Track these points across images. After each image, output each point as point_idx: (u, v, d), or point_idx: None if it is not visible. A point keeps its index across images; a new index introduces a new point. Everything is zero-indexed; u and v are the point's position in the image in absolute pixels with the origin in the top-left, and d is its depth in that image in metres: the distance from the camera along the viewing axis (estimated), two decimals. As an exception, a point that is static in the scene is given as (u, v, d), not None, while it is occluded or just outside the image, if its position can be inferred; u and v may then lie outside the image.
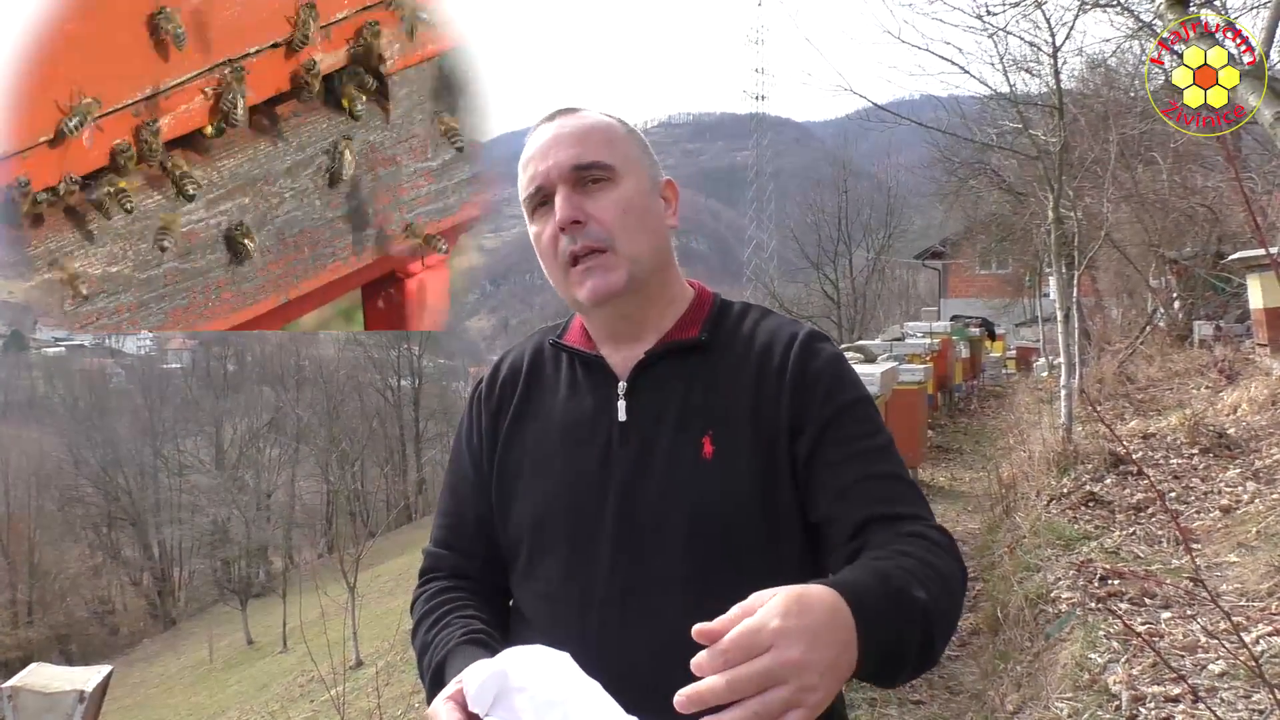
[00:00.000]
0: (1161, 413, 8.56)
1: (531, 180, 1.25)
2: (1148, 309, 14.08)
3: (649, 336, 1.28)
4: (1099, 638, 4.15)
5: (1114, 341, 13.72)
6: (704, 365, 1.26)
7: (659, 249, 1.28)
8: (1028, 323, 24.67)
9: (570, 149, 1.23)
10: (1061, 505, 6.41)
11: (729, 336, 1.28)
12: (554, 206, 1.23)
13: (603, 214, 1.22)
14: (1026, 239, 15.46)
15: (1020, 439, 9.34)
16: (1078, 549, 5.44)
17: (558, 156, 1.23)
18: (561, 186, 1.22)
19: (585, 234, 1.21)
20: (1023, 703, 4.27)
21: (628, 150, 1.28)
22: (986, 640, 5.36)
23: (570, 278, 1.24)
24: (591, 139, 1.25)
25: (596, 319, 1.29)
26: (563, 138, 1.25)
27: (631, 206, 1.24)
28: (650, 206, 1.27)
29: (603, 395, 1.27)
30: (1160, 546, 5.25)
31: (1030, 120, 8.40)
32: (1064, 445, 7.45)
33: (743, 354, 1.26)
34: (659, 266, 1.28)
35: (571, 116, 1.28)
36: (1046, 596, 4.96)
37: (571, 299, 1.27)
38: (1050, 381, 13.91)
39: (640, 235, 1.24)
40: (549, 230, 1.24)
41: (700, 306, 1.32)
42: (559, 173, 1.23)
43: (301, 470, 32.88)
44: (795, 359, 1.23)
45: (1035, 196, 9.84)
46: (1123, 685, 3.69)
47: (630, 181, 1.25)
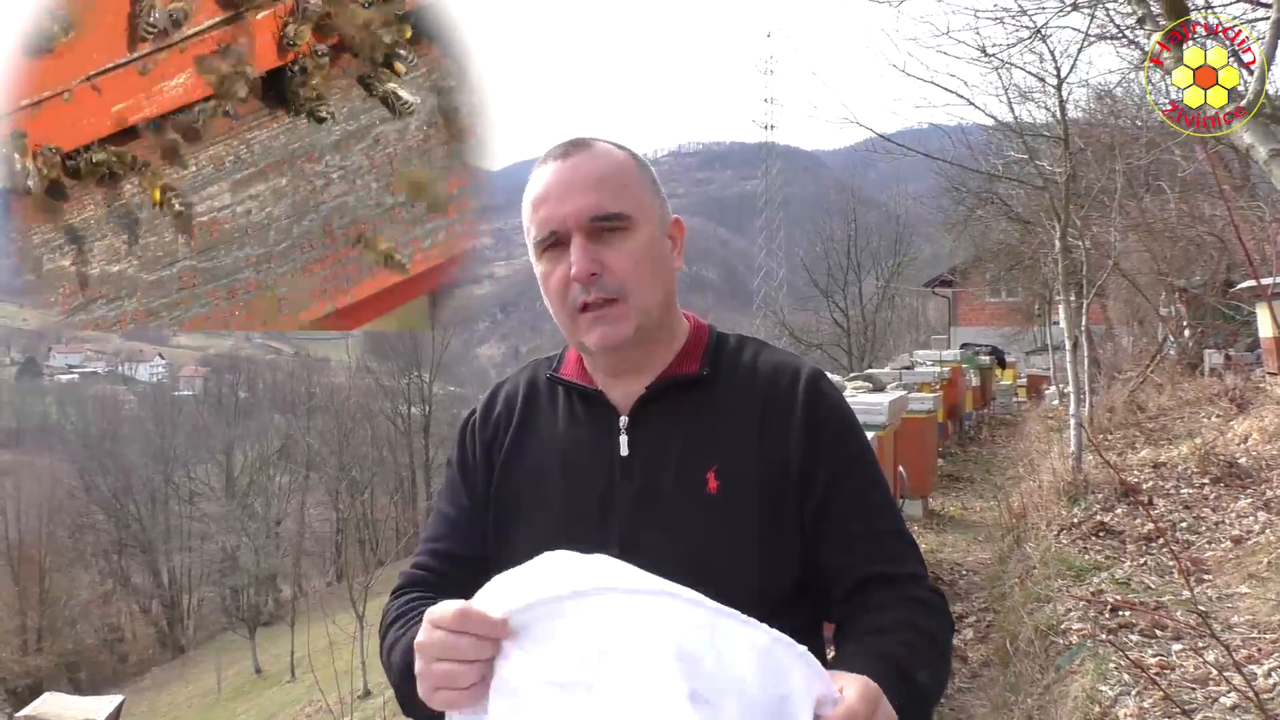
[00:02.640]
0: (1172, 442, 8.53)
1: (545, 223, 1.22)
2: (1158, 337, 14.04)
3: (648, 372, 1.29)
4: (1110, 670, 4.13)
5: (1124, 370, 13.68)
6: (706, 399, 1.26)
7: (667, 294, 1.28)
8: (1038, 350, 24.62)
9: (587, 196, 1.20)
10: (1072, 535, 6.38)
11: (729, 370, 1.29)
12: (566, 250, 1.21)
13: (618, 264, 1.21)
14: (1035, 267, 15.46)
15: (1030, 468, 9.32)
16: (1088, 580, 5.41)
17: (575, 204, 1.20)
18: (577, 235, 1.20)
19: (599, 285, 1.20)
20: (1033, 735, 4.24)
21: (641, 195, 1.25)
22: (997, 672, 5.33)
23: (579, 323, 1.23)
24: (608, 185, 1.22)
25: (598, 360, 1.29)
26: (578, 182, 1.22)
27: (646, 256, 1.23)
28: (661, 252, 1.27)
29: (603, 429, 1.27)
30: (1171, 577, 5.22)
31: (1036, 150, 8.44)
32: (1074, 475, 7.43)
33: (745, 388, 1.27)
34: (665, 311, 1.29)
35: (586, 154, 1.24)
36: (1057, 628, 4.93)
37: (577, 342, 1.27)
38: (1061, 410, 13.87)
39: (652, 284, 1.24)
40: (559, 274, 1.22)
41: (697, 340, 1.32)
42: (576, 221, 1.20)
43: (311, 498, 32.90)
44: (804, 399, 1.25)
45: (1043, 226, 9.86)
46: (1134, 718, 3.67)
47: (645, 230, 1.24)
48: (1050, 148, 8.65)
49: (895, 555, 1.22)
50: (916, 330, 36.57)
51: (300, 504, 32.60)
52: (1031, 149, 8.14)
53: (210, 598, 30.41)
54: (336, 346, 77.29)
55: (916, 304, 38.18)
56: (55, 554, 31.36)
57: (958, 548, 8.11)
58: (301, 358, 63.94)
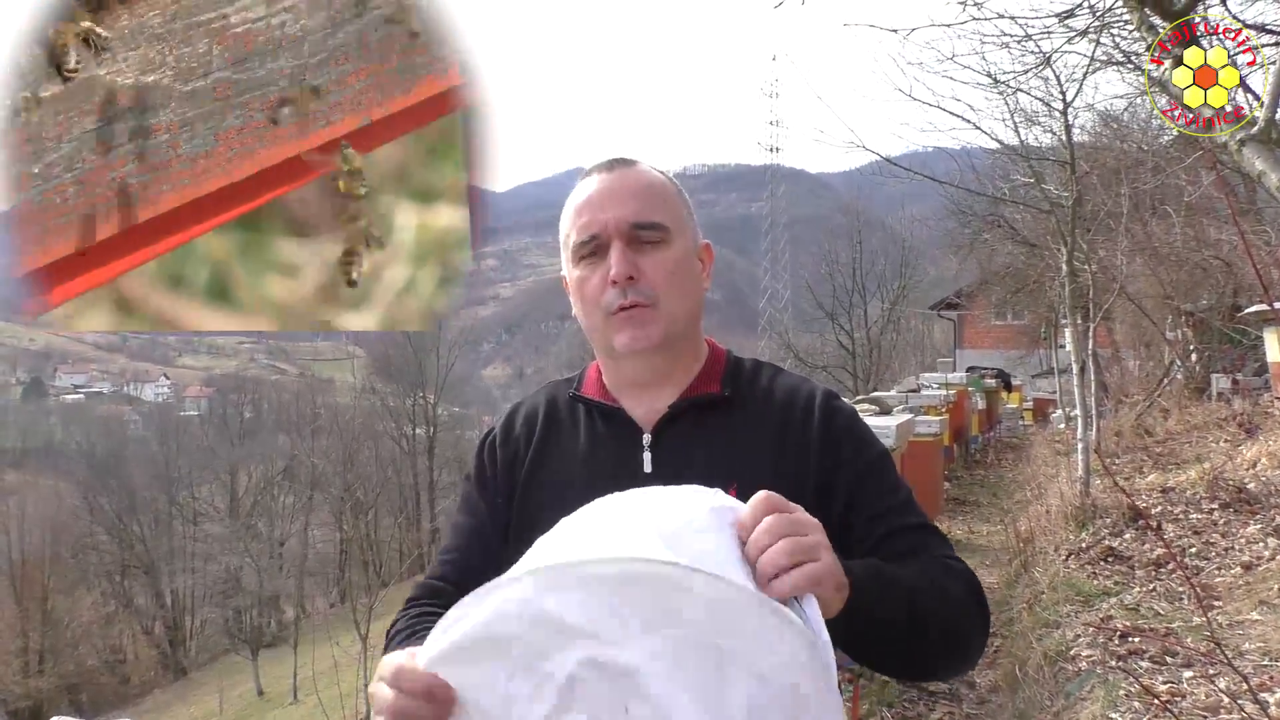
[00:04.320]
0: (1180, 466, 8.49)
1: (587, 228, 1.28)
2: (1165, 361, 14.01)
3: (669, 390, 1.32)
4: (1120, 697, 4.09)
5: (1131, 394, 13.64)
6: (725, 420, 1.30)
7: (694, 310, 1.33)
8: (1044, 374, 24.58)
9: (630, 205, 1.28)
10: (1080, 560, 6.34)
11: (748, 391, 1.33)
12: (603, 258, 1.27)
13: (653, 272, 1.26)
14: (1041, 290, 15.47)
15: (1038, 493, 9.28)
16: (1097, 605, 5.38)
17: (618, 211, 1.27)
18: (618, 241, 1.26)
19: (636, 290, 1.25)
20: (1043, 763, 4.20)
21: (678, 212, 1.32)
22: (1005, 699, 5.28)
23: (610, 324, 1.27)
24: (649, 197, 1.29)
25: (624, 366, 1.32)
26: (621, 192, 1.29)
27: (679, 268, 1.29)
28: (693, 269, 1.33)
29: (626, 446, 1.30)
30: (1181, 603, 5.19)
31: (1042, 174, 8.45)
32: (1082, 499, 7.39)
33: (763, 410, 1.30)
34: (691, 326, 1.33)
35: (630, 170, 1.32)
36: (1066, 654, 4.89)
37: (606, 343, 1.30)
38: (1068, 434, 13.83)
39: (683, 296, 1.30)
40: (597, 279, 1.27)
41: (716, 361, 1.36)
42: (617, 227, 1.26)
43: (315, 518, 32.83)
44: (819, 417, 1.28)
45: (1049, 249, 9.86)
46: (1145, 747, 3.63)
47: (680, 244, 1.30)
48: (1056, 171, 8.67)
49: (926, 545, 1.23)
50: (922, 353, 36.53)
51: (304, 524, 32.53)
52: (1038, 173, 8.16)
53: (213, 619, 30.32)
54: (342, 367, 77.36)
55: (922, 326, 38.17)
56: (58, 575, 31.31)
57: (965, 572, 8.05)
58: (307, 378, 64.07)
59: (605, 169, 1.32)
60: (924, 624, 1.09)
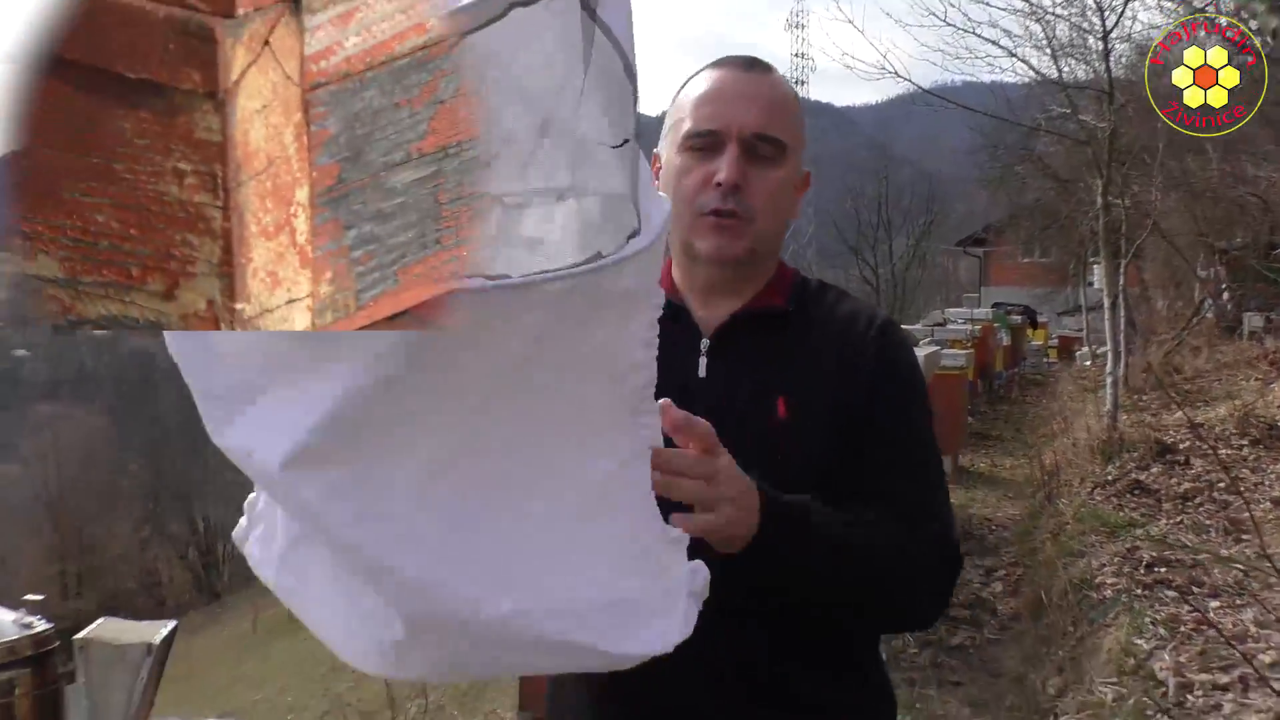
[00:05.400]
0: (1210, 404, 8.46)
1: (708, 119, 1.23)
2: (1195, 299, 13.85)
3: (734, 300, 1.31)
4: (1145, 624, 4.15)
5: (1160, 332, 13.52)
6: (784, 334, 1.29)
7: (781, 233, 1.33)
8: (1070, 312, 24.35)
9: (758, 113, 1.23)
10: (1106, 492, 6.37)
11: (810, 309, 1.32)
12: (714, 155, 1.23)
13: (759, 188, 1.23)
14: (1071, 227, 15.25)
15: (1064, 426, 9.27)
16: (1123, 536, 5.41)
17: (745, 115, 1.23)
18: (735, 145, 1.22)
19: (737, 199, 1.22)
20: (1065, 687, 4.27)
21: (798, 134, 1.29)
22: (1027, 625, 5.36)
23: (698, 225, 1.25)
24: (778, 111, 1.25)
25: (698, 270, 1.31)
26: (754, 97, 1.24)
27: (782, 191, 1.27)
28: (792, 194, 1.30)
29: (685, 348, 1.29)
30: (1208, 536, 5.22)
31: (1078, 105, 8.29)
32: (1109, 433, 7.39)
33: (823, 329, 1.29)
34: (774, 247, 1.33)
35: (766, 77, 1.27)
36: (1090, 582, 4.95)
37: (687, 242, 1.28)
38: (1094, 371, 13.75)
39: (776, 220, 1.28)
40: (699, 175, 1.24)
41: (784, 278, 1.35)
42: (740, 130, 1.22)
43: (342, 449, 33.14)
44: (874, 343, 1.27)
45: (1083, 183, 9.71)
46: (1170, 672, 3.69)
47: (789, 166, 1.27)
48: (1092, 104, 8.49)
49: (921, 500, 1.23)
50: (947, 289, 36.23)
51: (331, 455, 32.88)
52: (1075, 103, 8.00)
53: (244, 545, 30.99)
54: (365, 301, 77.22)
55: (947, 263, 37.81)
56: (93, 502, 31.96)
57: (987, 504, 8.12)
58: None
59: (742, 67, 1.27)
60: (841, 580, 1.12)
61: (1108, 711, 3.61)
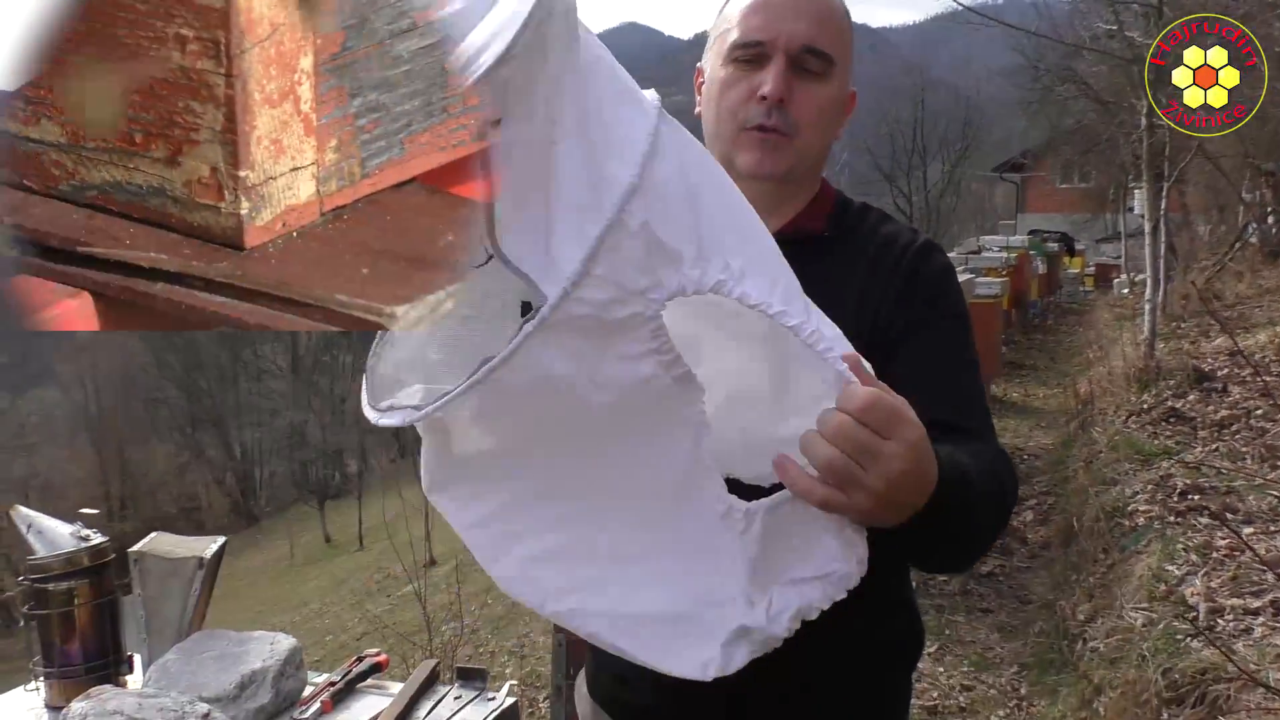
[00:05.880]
0: (1250, 330, 8.29)
1: (755, 31, 1.19)
2: (1239, 224, 13.52)
3: (774, 220, 1.24)
4: (1177, 550, 4.13)
5: (1201, 258, 13.24)
6: (821, 258, 1.24)
7: (824, 152, 1.28)
8: (1108, 239, 23.90)
9: (808, 25, 1.18)
10: (1141, 421, 6.31)
11: (850, 234, 1.27)
12: (759, 68, 1.19)
13: (804, 104, 1.19)
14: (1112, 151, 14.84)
15: (1100, 354, 9.16)
16: (1157, 464, 5.37)
17: (794, 27, 1.18)
18: (782, 57, 1.18)
19: (781, 114, 1.18)
20: (1094, 612, 4.28)
21: (847, 50, 1.24)
22: (1057, 552, 5.36)
23: (740, 139, 1.21)
24: (828, 24, 1.20)
25: (739, 187, 1.28)
26: (803, 7, 1.19)
27: (828, 109, 1.22)
28: (838, 112, 1.25)
29: None
30: (1243, 464, 5.15)
31: (1125, 22, 8.01)
32: (1146, 361, 7.29)
33: (858, 251, 1.25)
34: (817, 166, 1.28)
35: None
36: (1123, 510, 4.92)
37: (727, 159, 1.23)
38: (1131, 299, 13.53)
39: (820, 137, 1.23)
40: (744, 87, 1.20)
41: (825, 199, 1.30)
42: (788, 43, 1.18)
43: (374, 377, 33.50)
44: (909, 261, 1.22)
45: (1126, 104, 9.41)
46: (1200, 597, 3.68)
47: (836, 84, 1.22)
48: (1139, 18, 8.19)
49: (968, 411, 1.16)
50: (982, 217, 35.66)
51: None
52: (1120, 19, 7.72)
53: (280, 471, 31.56)
54: (394, 230, 77.42)
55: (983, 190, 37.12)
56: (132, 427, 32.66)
57: (1019, 433, 8.07)
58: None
59: None
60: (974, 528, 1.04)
61: (1137, 636, 3.61)
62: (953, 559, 1.13)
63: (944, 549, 1.06)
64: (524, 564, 0.90)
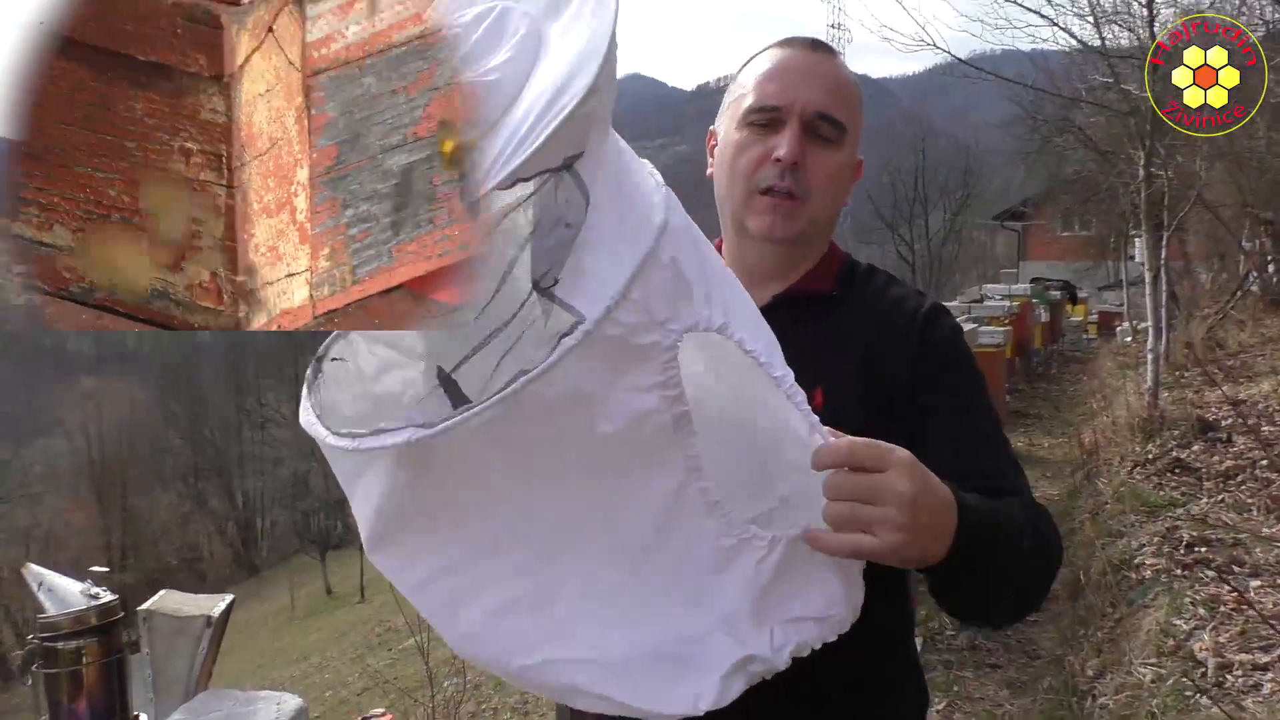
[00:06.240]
0: (1253, 379, 8.29)
1: (771, 96, 1.23)
2: (1240, 272, 13.56)
3: (781, 282, 1.29)
4: (1185, 604, 4.09)
5: (1203, 306, 13.26)
6: (828, 319, 1.26)
7: (834, 217, 1.31)
8: (1111, 287, 23.95)
9: (822, 93, 1.23)
10: (1146, 471, 6.28)
11: (857, 294, 1.29)
12: (774, 132, 1.22)
13: (817, 169, 1.22)
14: (1111, 199, 14.94)
15: (1104, 404, 9.14)
16: (1163, 516, 5.34)
17: (810, 94, 1.22)
18: (796, 123, 1.21)
19: (794, 177, 1.21)
20: (1103, 668, 4.23)
21: (857, 119, 1.28)
22: (1065, 606, 5.31)
23: (753, 203, 1.24)
24: (841, 93, 1.24)
25: (749, 249, 1.29)
26: (819, 77, 1.24)
27: (839, 175, 1.26)
28: (847, 178, 1.29)
29: None
30: (1249, 515, 5.12)
31: (1121, 75, 8.11)
32: (1150, 411, 7.27)
33: (867, 314, 1.26)
34: (827, 231, 1.31)
35: (831, 59, 1.27)
36: (1130, 563, 4.89)
37: (739, 221, 1.27)
38: (1134, 347, 13.53)
39: (831, 203, 1.27)
40: (757, 151, 1.23)
41: (833, 260, 1.32)
42: (803, 109, 1.22)
43: (377, 427, 33.48)
44: (921, 326, 1.24)
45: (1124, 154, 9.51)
46: (1209, 652, 3.64)
47: (847, 151, 1.26)
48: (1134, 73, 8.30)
49: (999, 471, 1.17)
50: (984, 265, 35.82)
51: (367, 432, 33.21)
52: (1117, 73, 7.83)
53: (282, 521, 31.45)
54: (399, 278, 77.78)
55: (984, 238, 37.32)
56: (135, 477, 32.62)
57: (1025, 483, 8.03)
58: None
59: (808, 47, 1.27)
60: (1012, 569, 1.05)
61: (1146, 692, 3.57)
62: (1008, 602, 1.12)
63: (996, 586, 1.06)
64: (487, 618, 0.87)
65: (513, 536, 0.86)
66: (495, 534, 0.85)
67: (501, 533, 0.85)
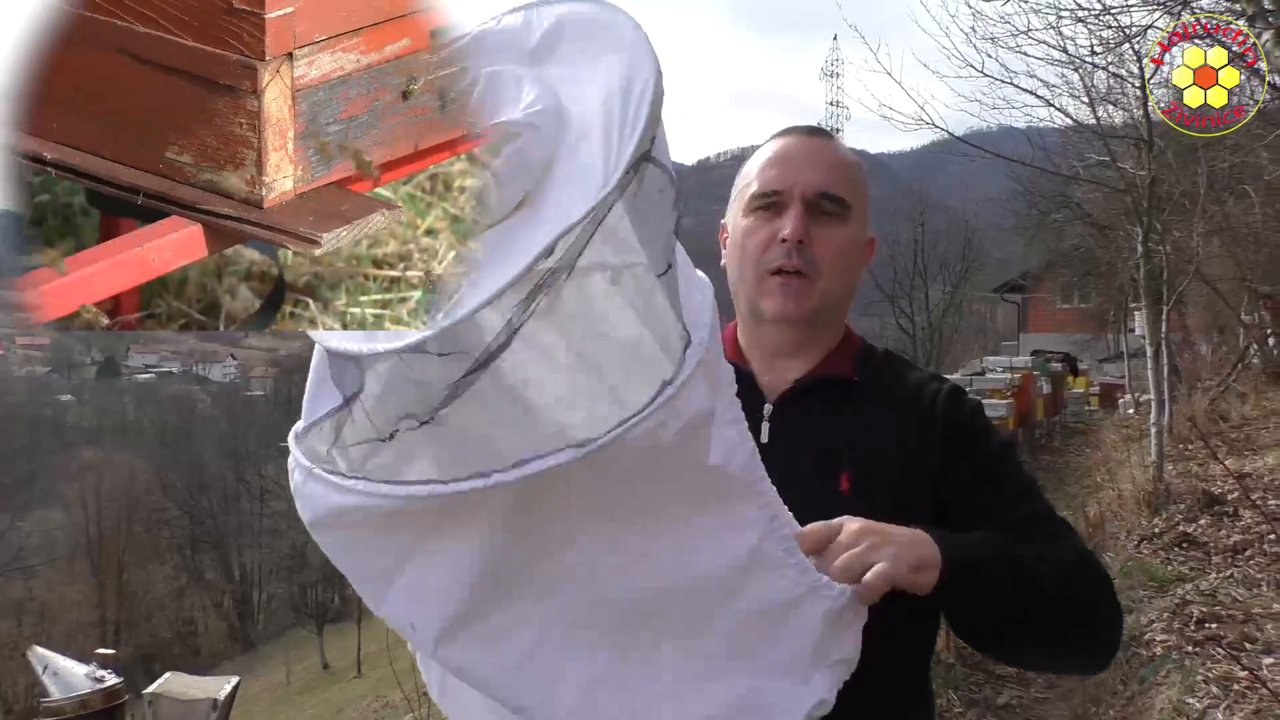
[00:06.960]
0: (1257, 452, 8.26)
1: (773, 181, 1.27)
2: (1240, 345, 13.62)
3: (800, 364, 1.30)
4: (1198, 682, 4.02)
5: (1204, 379, 13.28)
6: (851, 404, 1.27)
7: (847, 293, 1.33)
8: (1112, 359, 24.01)
9: (822, 173, 1.27)
10: (1153, 546, 6.22)
11: (877, 379, 1.31)
12: (778, 215, 1.25)
13: (824, 245, 1.25)
14: (1111, 273, 15.10)
15: (1108, 477, 9.09)
16: (1172, 591, 5.27)
17: (808, 176, 1.26)
18: (798, 204, 1.25)
19: (802, 255, 1.24)
20: (1116, 748, 4.15)
21: (861, 196, 1.31)
22: (1075, 683, 5.21)
23: (764, 284, 1.26)
24: (841, 173, 1.28)
25: (764, 331, 1.31)
26: (817, 159, 1.28)
27: (847, 250, 1.28)
28: (858, 254, 1.31)
29: (746, 412, 1.28)
30: (1259, 590, 5.06)
31: (1117, 153, 8.25)
32: (1155, 484, 7.23)
33: (889, 400, 1.28)
34: (841, 308, 1.33)
35: (829, 142, 1.32)
36: (1140, 639, 4.81)
37: (753, 303, 1.29)
38: (1137, 420, 13.52)
39: (842, 277, 1.29)
40: (764, 234, 1.26)
41: (851, 344, 1.34)
42: (803, 190, 1.25)
43: (377, 497, 33.22)
44: (944, 409, 1.26)
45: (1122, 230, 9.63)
46: (1224, 732, 3.57)
47: (854, 226, 1.29)
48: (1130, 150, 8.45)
49: (1053, 535, 1.19)
50: (984, 337, 35.91)
51: (366, 503, 32.94)
52: (1113, 151, 7.96)
53: (279, 594, 31.02)
54: (402, 349, 78.11)
55: (984, 310, 37.49)
56: (133, 549, 32.25)
57: (1031, 557, 7.95)
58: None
59: (805, 134, 1.32)
60: (1038, 596, 1.07)
61: (1161, 774, 3.49)
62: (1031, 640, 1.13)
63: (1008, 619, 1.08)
64: (582, 692, 0.81)
65: (598, 594, 0.81)
66: (586, 594, 0.81)
67: (575, 598, 0.81)
